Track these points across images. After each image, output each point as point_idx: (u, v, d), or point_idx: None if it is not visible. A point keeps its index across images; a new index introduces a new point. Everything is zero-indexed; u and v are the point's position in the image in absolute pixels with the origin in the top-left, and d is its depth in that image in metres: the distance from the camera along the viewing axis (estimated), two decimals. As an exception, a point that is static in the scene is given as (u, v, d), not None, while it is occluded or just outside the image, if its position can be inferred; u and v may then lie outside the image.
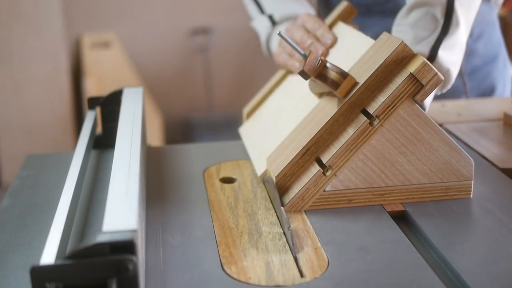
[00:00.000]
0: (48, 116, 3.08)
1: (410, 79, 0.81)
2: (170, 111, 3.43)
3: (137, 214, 0.64)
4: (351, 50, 0.96)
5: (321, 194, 0.84)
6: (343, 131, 0.84)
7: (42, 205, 0.89)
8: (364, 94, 0.84)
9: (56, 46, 3.04)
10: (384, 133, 0.83)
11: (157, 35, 3.36)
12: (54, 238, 0.66)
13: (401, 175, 0.84)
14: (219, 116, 3.44)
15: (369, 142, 0.82)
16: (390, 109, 0.81)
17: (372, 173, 0.84)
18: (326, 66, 0.85)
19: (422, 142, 0.83)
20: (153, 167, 1.02)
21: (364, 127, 0.82)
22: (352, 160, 0.83)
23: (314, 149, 0.85)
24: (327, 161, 0.83)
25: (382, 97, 0.82)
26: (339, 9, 1.09)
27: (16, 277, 0.70)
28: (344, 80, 0.84)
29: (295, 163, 0.85)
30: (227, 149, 1.09)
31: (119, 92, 1.04)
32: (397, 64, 0.83)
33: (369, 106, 0.83)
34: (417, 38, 1.00)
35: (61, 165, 0.98)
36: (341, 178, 0.84)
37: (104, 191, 0.84)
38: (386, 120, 0.82)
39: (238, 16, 3.34)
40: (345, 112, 0.84)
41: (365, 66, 0.85)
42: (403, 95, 0.81)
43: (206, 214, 0.85)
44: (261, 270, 0.71)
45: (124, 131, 0.87)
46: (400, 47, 0.83)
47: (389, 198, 0.85)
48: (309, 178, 0.83)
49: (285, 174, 0.85)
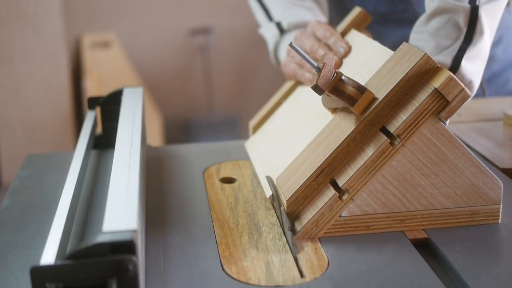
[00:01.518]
0: (48, 116, 3.08)
1: (435, 95, 0.75)
2: (170, 111, 3.42)
3: (137, 214, 0.64)
4: (366, 61, 0.90)
5: (337, 220, 0.77)
6: (360, 151, 0.77)
7: (42, 205, 0.89)
8: (384, 110, 0.77)
9: (56, 46, 3.04)
10: (406, 154, 0.76)
11: (157, 35, 3.36)
12: (54, 238, 0.66)
13: (424, 199, 0.78)
14: (219, 116, 3.44)
15: (389, 164, 0.76)
16: (412, 128, 0.75)
17: (392, 197, 0.78)
18: (342, 79, 0.79)
19: (447, 163, 0.77)
20: (153, 167, 1.02)
21: (384, 147, 0.76)
22: (371, 183, 0.77)
23: (329, 170, 0.78)
24: (344, 184, 0.76)
25: (404, 114, 0.76)
26: (352, 16, 1.02)
27: (16, 277, 0.70)
28: (362, 95, 0.77)
29: (308, 185, 0.78)
30: (227, 149, 1.09)
31: (119, 92, 1.04)
32: (419, 78, 0.77)
33: (389, 124, 0.77)
34: (439, 47, 0.93)
35: (61, 165, 0.98)
36: (358, 202, 0.77)
37: (104, 191, 0.84)
38: (408, 140, 0.76)
39: (238, 16, 3.34)
40: (363, 131, 0.78)
41: (384, 79, 0.79)
42: (426, 112, 0.75)
43: (206, 214, 0.85)
44: (261, 270, 0.71)
45: (124, 131, 0.87)
46: (423, 59, 0.76)
47: (411, 224, 0.79)
48: (324, 202, 0.77)
49: (297, 198, 0.79)
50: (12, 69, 3.02)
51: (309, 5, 1.21)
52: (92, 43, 3.18)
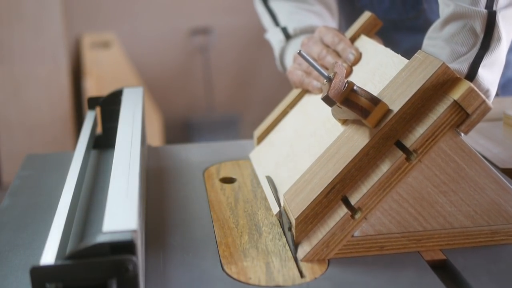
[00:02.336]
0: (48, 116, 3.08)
1: (454, 107, 0.70)
2: (170, 111, 3.42)
3: (137, 214, 0.64)
4: (378, 69, 0.85)
5: (349, 240, 0.73)
6: (374, 167, 0.73)
7: (42, 205, 0.89)
8: (399, 123, 0.73)
9: (56, 46, 3.04)
10: (423, 170, 0.72)
11: (157, 35, 3.36)
12: (54, 238, 0.66)
13: (442, 217, 0.74)
14: (219, 116, 3.44)
15: (405, 180, 0.72)
16: (430, 142, 0.71)
17: (408, 215, 0.73)
18: (354, 90, 0.74)
19: (466, 180, 0.73)
20: (153, 167, 1.02)
21: (399, 162, 0.71)
22: (385, 201, 0.72)
23: (340, 187, 0.74)
24: (357, 202, 0.72)
25: (421, 128, 0.71)
26: (362, 21, 0.97)
27: (16, 277, 0.70)
28: (375, 107, 0.73)
29: (318, 203, 0.74)
30: (227, 149, 1.09)
31: (119, 92, 1.04)
32: (437, 89, 0.72)
33: (405, 138, 0.72)
34: (454, 54, 0.89)
35: (61, 165, 0.98)
36: (372, 221, 0.73)
37: (104, 191, 0.84)
38: (425, 155, 0.71)
39: (238, 16, 3.34)
40: (377, 145, 0.73)
41: (398, 90, 0.75)
42: (445, 125, 0.71)
43: (206, 214, 0.85)
44: (261, 270, 0.71)
45: (124, 131, 0.87)
46: (441, 69, 0.72)
47: (427, 244, 0.74)
48: (335, 221, 0.72)
49: (306, 216, 0.74)
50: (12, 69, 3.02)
51: (318, 10, 1.18)
52: (92, 43, 3.18)
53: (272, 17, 1.18)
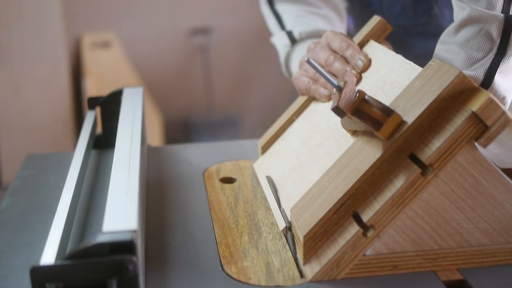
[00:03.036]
0: (48, 116, 3.08)
1: (472, 119, 0.66)
2: (170, 111, 3.42)
3: (137, 214, 0.64)
4: (389, 77, 0.81)
5: (361, 259, 0.69)
6: (387, 182, 0.69)
7: (42, 205, 0.89)
8: (413, 136, 0.69)
9: (56, 46, 3.04)
10: (439, 185, 0.68)
11: (157, 35, 3.36)
12: (54, 238, 0.66)
13: (458, 235, 0.70)
14: (219, 116, 3.44)
15: (420, 196, 0.68)
16: (446, 156, 0.67)
17: (423, 233, 0.70)
18: (365, 99, 0.70)
19: (485, 195, 0.69)
20: (153, 167, 1.02)
21: (414, 177, 0.67)
22: (399, 218, 0.68)
23: (351, 202, 0.70)
24: (369, 219, 0.68)
25: (437, 140, 0.67)
26: (371, 25, 0.93)
27: (16, 277, 0.70)
28: (388, 118, 0.69)
29: (328, 219, 0.70)
30: (227, 149, 1.09)
31: (119, 92, 1.04)
32: (453, 99, 0.68)
33: (420, 152, 0.68)
34: (470, 60, 0.85)
35: (61, 165, 0.98)
36: (385, 239, 0.69)
37: (104, 191, 0.84)
38: (441, 169, 0.68)
39: (238, 16, 3.34)
40: (390, 158, 0.69)
41: (412, 100, 0.71)
42: (462, 138, 0.67)
43: (206, 214, 0.85)
44: (261, 270, 0.71)
45: (124, 131, 0.87)
46: (458, 78, 0.68)
47: (443, 263, 0.71)
48: (346, 239, 0.68)
49: (315, 233, 0.70)
50: (12, 69, 3.02)
51: (326, 13, 1.14)
52: (92, 43, 3.18)
53: (278, 20, 1.15)
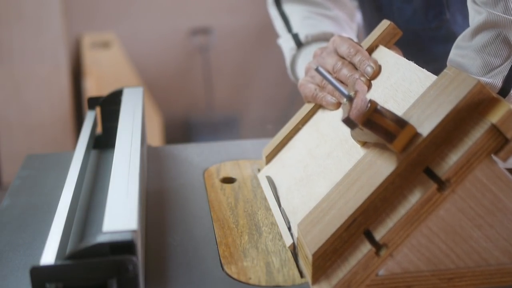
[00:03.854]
0: (48, 116, 3.08)
1: (491, 131, 0.62)
2: (170, 111, 3.42)
3: (137, 214, 0.64)
4: (401, 85, 0.77)
5: (373, 279, 0.65)
6: (401, 198, 0.65)
7: (42, 205, 0.89)
8: (429, 149, 0.65)
9: (56, 46, 3.04)
10: (456, 201, 0.65)
11: (157, 35, 3.36)
12: (54, 238, 0.66)
13: (476, 254, 0.66)
14: (219, 116, 3.44)
15: (436, 213, 0.64)
16: (464, 171, 0.63)
17: (438, 252, 0.66)
18: (378, 110, 0.65)
19: (504, 212, 0.66)
20: (153, 167, 1.02)
21: (430, 193, 0.63)
22: (414, 236, 0.65)
23: (363, 219, 0.66)
24: (381, 237, 0.64)
25: (454, 154, 0.64)
26: (380, 30, 0.88)
27: (16, 277, 0.70)
28: (402, 130, 0.64)
29: (338, 237, 0.66)
30: (227, 149, 1.09)
31: (119, 92, 1.04)
32: (471, 110, 0.64)
33: (436, 166, 0.64)
34: (487, 66, 0.82)
35: (61, 165, 0.98)
36: (398, 258, 0.65)
37: (104, 191, 0.84)
38: (459, 185, 0.64)
39: (238, 16, 3.34)
40: (403, 173, 0.65)
41: (427, 111, 0.67)
42: (481, 152, 0.63)
43: (206, 214, 0.85)
44: (261, 270, 0.71)
45: (124, 131, 0.87)
46: (476, 88, 0.64)
47: (460, 283, 0.67)
48: (358, 259, 0.65)
49: (325, 252, 0.66)
50: (12, 69, 3.02)
51: (334, 15, 1.11)
52: (92, 43, 3.18)
53: (284, 21, 1.12)
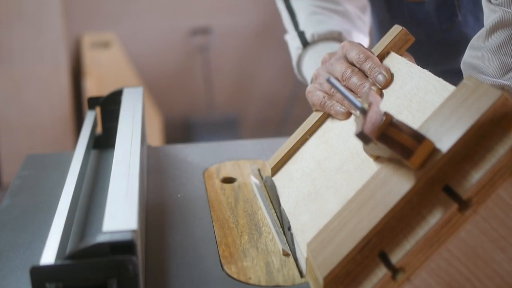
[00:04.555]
0: (48, 116, 3.08)
1: None
2: (170, 111, 3.42)
3: (137, 214, 0.64)
4: (416, 95, 0.73)
5: None
6: (418, 218, 0.60)
7: (42, 205, 0.89)
8: (448, 166, 0.60)
9: (56, 46, 3.04)
10: (478, 222, 0.59)
11: (157, 35, 3.36)
12: (54, 238, 0.66)
13: (499, 278, 0.61)
14: (219, 116, 3.44)
15: (456, 235, 0.59)
16: (487, 189, 0.58)
17: (459, 276, 0.61)
18: (393, 123, 0.60)
19: None
20: (153, 167, 1.02)
21: (450, 214, 0.59)
22: (433, 259, 0.60)
23: (377, 241, 0.61)
24: (398, 260, 0.59)
25: (476, 172, 0.59)
26: (391, 35, 0.83)
27: (16, 277, 0.70)
28: (419, 145, 0.60)
29: (351, 259, 0.61)
30: (227, 149, 1.09)
31: (119, 92, 1.04)
32: (494, 124, 0.59)
33: (456, 184, 0.60)
34: (504, 67, 0.79)
35: (61, 165, 0.98)
36: (416, 283, 0.60)
37: (104, 191, 0.84)
38: (481, 205, 0.59)
39: (238, 16, 3.34)
40: (421, 191, 0.60)
41: (446, 124, 0.62)
42: (505, 169, 0.58)
43: (206, 214, 0.85)
44: (261, 270, 0.71)
45: (124, 131, 0.87)
46: (500, 100, 0.58)
47: None
48: (373, 283, 0.60)
49: (337, 275, 0.61)
50: (12, 69, 3.02)
51: (343, 10, 1.07)
52: (92, 43, 3.18)
53: (291, 16, 1.08)
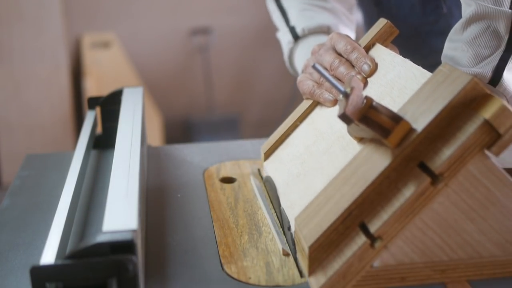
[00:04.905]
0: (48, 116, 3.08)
1: (484, 126, 0.64)
2: (170, 111, 3.42)
3: (137, 214, 0.64)
4: (397, 82, 0.79)
5: (368, 271, 0.67)
6: (395, 192, 0.67)
7: (42, 205, 0.89)
8: (423, 144, 0.67)
9: (56, 46, 3.04)
10: (450, 195, 0.66)
11: (157, 35, 3.36)
12: (54, 238, 0.66)
13: (469, 246, 0.68)
14: (219, 116, 3.44)
15: (430, 206, 0.66)
16: (457, 165, 0.65)
17: (432, 244, 0.68)
18: (373, 106, 0.68)
19: (497, 205, 0.67)
20: (153, 167, 1.02)
21: (423, 187, 0.65)
22: (408, 229, 0.67)
23: (358, 212, 0.67)
24: (376, 229, 0.66)
25: (447, 149, 0.65)
26: (377, 28, 0.90)
27: (16, 277, 0.70)
28: (397, 125, 0.67)
29: (334, 230, 0.67)
30: (227, 149, 1.09)
31: (119, 92, 1.04)
32: (465, 106, 0.66)
33: (430, 160, 0.66)
34: (477, 57, 0.84)
35: (61, 165, 0.98)
36: (393, 250, 0.67)
37: (104, 191, 0.84)
38: (452, 179, 0.66)
39: (238, 16, 3.34)
40: (398, 167, 0.67)
41: (422, 107, 0.69)
42: (474, 146, 0.65)
43: (206, 214, 0.85)
44: (261, 270, 0.71)
45: (124, 131, 0.87)
46: (470, 84, 0.66)
47: (453, 275, 0.69)
48: (353, 251, 0.66)
49: (321, 244, 0.68)
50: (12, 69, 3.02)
51: (331, 7, 1.12)
52: (92, 43, 3.18)
53: (282, 14, 1.13)
